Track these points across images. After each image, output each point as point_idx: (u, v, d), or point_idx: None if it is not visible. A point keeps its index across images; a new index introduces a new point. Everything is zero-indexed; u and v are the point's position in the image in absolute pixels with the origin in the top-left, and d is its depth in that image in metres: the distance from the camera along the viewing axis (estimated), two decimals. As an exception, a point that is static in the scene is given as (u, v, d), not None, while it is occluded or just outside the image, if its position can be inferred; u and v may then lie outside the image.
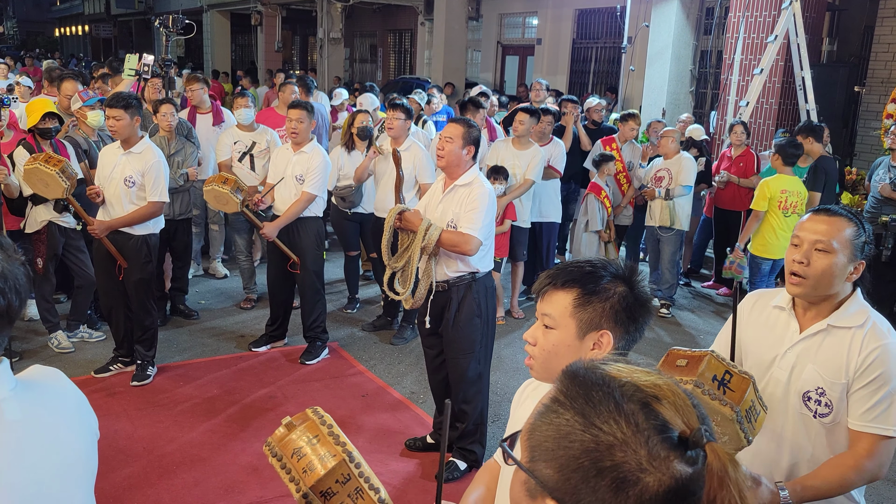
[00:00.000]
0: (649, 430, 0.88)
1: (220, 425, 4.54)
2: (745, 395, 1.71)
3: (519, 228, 6.40)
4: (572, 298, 1.63)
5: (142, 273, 4.95)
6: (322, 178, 5.29)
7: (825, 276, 2.10)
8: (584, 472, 0.88)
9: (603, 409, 0.90)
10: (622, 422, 0.89)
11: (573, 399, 0.93)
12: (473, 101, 6.96)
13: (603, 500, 0.87)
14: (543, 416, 0.96)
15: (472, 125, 3.94)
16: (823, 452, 2.16)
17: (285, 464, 1.58)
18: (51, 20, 41.11)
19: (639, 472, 0.87)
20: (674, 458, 0.88)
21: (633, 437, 0.88)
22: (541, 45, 15.59)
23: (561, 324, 1.64)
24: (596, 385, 0.92)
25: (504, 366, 5.60)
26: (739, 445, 1.73)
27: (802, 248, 2.13)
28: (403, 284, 4.00)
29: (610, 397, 0.91)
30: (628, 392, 0.91)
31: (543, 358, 1.68)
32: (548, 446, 0.92)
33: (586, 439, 0.89)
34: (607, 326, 1.62)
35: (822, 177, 6.42)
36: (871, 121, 9.80)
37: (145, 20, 28.29)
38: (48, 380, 1.48)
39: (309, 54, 24.30)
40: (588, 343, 1.64)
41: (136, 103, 4.85)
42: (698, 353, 1.76)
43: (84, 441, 1.46)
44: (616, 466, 0.87)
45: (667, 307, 6.96)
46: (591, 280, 1.64)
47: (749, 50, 9.16)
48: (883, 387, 2.05)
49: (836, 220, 2.12)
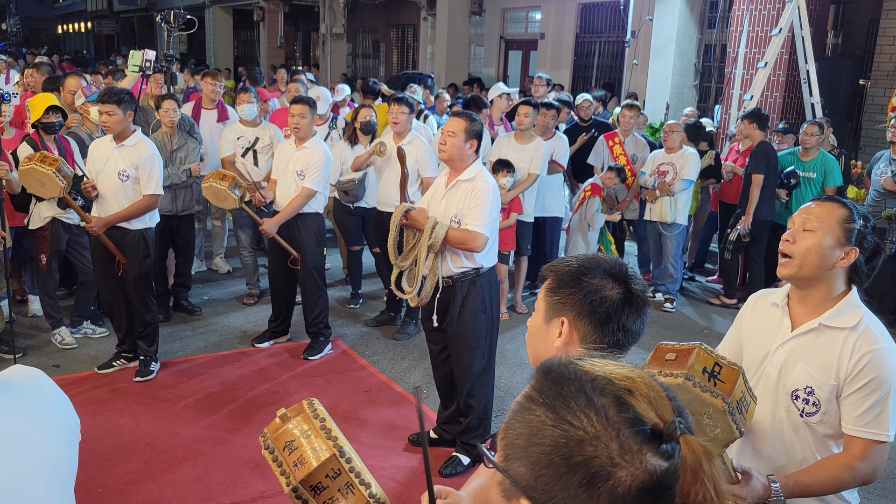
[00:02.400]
0: (621, 423, 0.86)
1: (222, 421, 4.54)
2: (735, 386, 1.70)
3: (522, 223, 6.38)
4: (548, 282, 1.66)
5: (140, 268, 4.93)
6: (322, 174, 5.28)
7: (809, 254, 2.08)
8: (555, 469, 0.86)
9: (574, 404, 0.88)
10: (593, 415, 0.86)
11: (545, 394, 0.91)
12: (476, 100, 6.94)
13: (576, 496, 0.85)
14: (517, 413, 0.94)
15: (474, 119, 3.92)
16: (809, 451, 2.16)
17: (277, 457, 1.57)
18: (53, 17, 41.12)
19: (610, 466, 0.84)
20: (647, 451, 0.86)
21: (605, 431, 0.85)
22: (544, 39, 15.54)
23: (538, 308, 1.68)
24: (568, 380, 0.91)
25: (508, 360, 5.58)
26: (732, 437, 1.72)
27: (793, 229, 2.15)
28: (411, 283, 3.99)
29: (581, 392, 0.89)
30: (600, 386, 0.90)
31: (528, 340, 1.72)
32: (520, 444, 0.90)
33: (556, 434, 0.87)
34: (569, 315, 1.59)
35: (762, 160, 6.67)
36: (876, 114, 9.76)
37: (148, 16, 28.26)
38: (22, 380, 1.46)
39: (311, 50, 24.26)
40: (553, 329, 1.62)
41: (129, 98, 4.81)
42: (687, 346, 1.75)
43: (59, 441, 1.44)
44: (587, 461, 0.85)
45: (670, 302, 6.94)
46: (571, 270, 1.63)
47: (753, 43, 9.12)
48: (875, 391, 2.03)
49: (829, 204, 2.13)
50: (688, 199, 6.87)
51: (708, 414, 1.69)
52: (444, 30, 15.85)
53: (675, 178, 6.67)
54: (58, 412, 1.47)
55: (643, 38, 11.90)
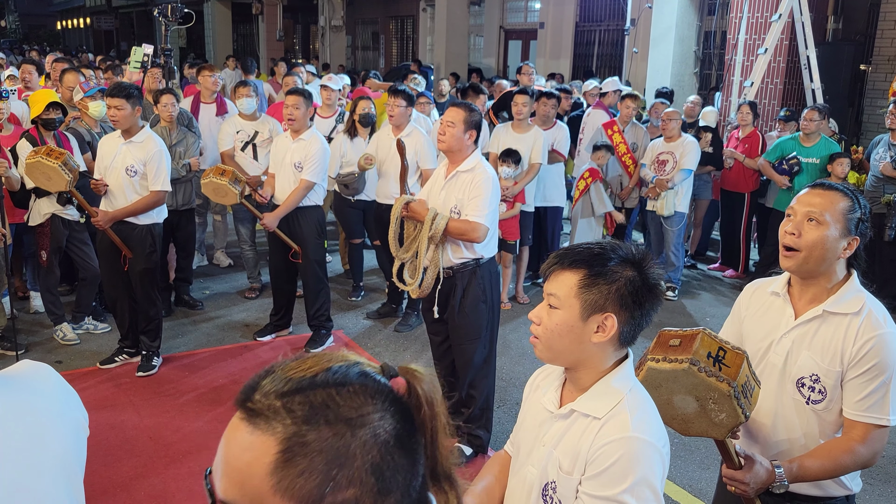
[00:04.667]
0: (367, 386, 0.89)
1: (225, 414, 4.55)
2: (740, 371, 1.70)
3: (524, 212, 6.36)
4: (578, 279, 1.63)
5: (146, 263, 4.94)
6: (320, 166, 5.27)
7: (816, 247, 2.07)
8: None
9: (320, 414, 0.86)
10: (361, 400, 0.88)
11: (295, 419, 0.86)
12: (474, 87, 6.93)
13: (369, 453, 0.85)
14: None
15: (473, 109, 3.91)
16: (814, 439, 2.15)
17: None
18: (52, 13, 41.07)
19: (378, 420, 0.87)
20: (385, 392, 0.90)
21: (360, 402, 0.87)
22: (543, 28, 15.47)
23: (566, 304, 1.64)
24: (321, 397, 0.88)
25: (510, 351, 5.58)
26: (737, 421, 1.72)
27: (795, 220, 2.11)
28: (412, 275, 3.99)
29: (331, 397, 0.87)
30: (317, 382, 0.88)
31: (546, 337, 1.68)
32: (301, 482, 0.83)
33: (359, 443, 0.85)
34: (612, 309, 1.61)
35: None
36: (877, 99, 9.71)
37: (147, 11, 28.19)
38: (32, 375, 1.47)
39: (311, 43, 24.20)
40: (591, 325, 1.62)
41: (137, 93, 4.83)
42: (690, 331, 1.74)
43: (67, 436, 1.45)
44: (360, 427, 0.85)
45: (672, 290, 6.93)
46: (598, 262, 1.63)
47: (753, 29, 9.08)
48: (878, 376, 2.03)
49: (831, 193, 2.10)
50: (689, 187, 6.85)
51: (713, 399, 1.69)
52: (444, 20, 15.79)
53: (675, 168, 6.64)
54: (67, 407, 1.48)
55: (643, 25, 11.86)
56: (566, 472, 1.66)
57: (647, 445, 1.57)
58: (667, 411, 1.75)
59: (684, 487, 3.97)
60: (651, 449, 1.58)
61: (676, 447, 4.32)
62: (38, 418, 1.40)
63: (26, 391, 1.43)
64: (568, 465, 1.65)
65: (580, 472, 1.63)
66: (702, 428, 1.76)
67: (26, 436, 1.36)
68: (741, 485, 1.98)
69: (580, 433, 1.65)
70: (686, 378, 1.67)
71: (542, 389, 1.82)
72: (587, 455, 1.61)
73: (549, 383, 1.81)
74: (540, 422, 1.77)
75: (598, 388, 1.66)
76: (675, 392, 1.71)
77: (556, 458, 1.68)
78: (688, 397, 1.71)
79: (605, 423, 1.61)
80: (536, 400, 1.83)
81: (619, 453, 1.56)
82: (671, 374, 1.68)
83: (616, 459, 1.56)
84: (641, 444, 1.57)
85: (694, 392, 1.70)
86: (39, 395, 1.44)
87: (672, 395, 1.72)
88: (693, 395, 1.70)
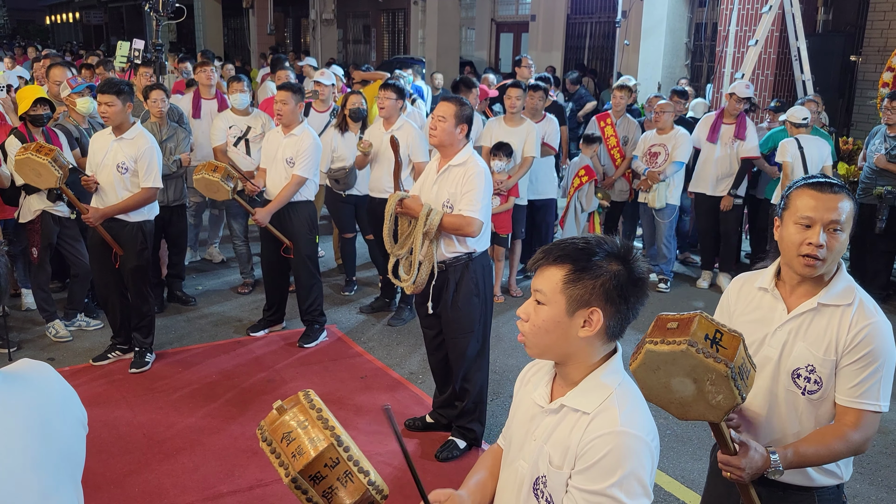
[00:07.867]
0: None
1: (219, 410, 4.55)
2: (737, 353, 1.72)
3: (517, 206, 6.37)
4: (563, 274, 1.64)
5: (138, 260, 4.92)
6: (312, 161, 5.25)
7: (838, 254, 2.11)
8: None
9: None
10: None
11: None
12: (465, 81, 6.93)
13: None
14: None
15: (464, 103, 3.91)
16: (810, 429, 2.17)
17: (275, 448, 1.58)
18: (41, 8, 40.81)
19: None
20: None
21: None
22: (535, 21, 15.45)
23: (552, 300, 1.65)
24: None
25: (503, 344, 5.60)
26: (734, 403, 1.72)
27: (816, 229, 2.06)
28: (407, 271, 3.99)
29: None
30: None
31: (534, 333, 1.69)
32: None
33: None
34: (597, 304, 1.62)
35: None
36: (867, 90, 9.75)
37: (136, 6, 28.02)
38: (33, 373, 1.49)
39: (302, 36, 24.11)
40: (578, 320, 1.64)
41: (128, 89, 4.81)
42: (688, 315, 1.76)
43: (69, 433, 1.47)
44: None
45: (664, 282, 6.96)
46: (583, 256, 1.64)
47: (744, 21, 9.09)
48: (871, 364, 2.06)
49: (842, 197, 2.08)
50: (680, 179, 6.85)
51: (711, 380, 1.70)
52: (435, 13, 15.76)
53: (667, 160, 6.65)
54: (66, 405, 1.50)
55: (634, 18, 11.86)
56: (556, 466, 1.67)
57: (636, 440, 1.59)
58: (664, 395, 1.76)
59: (676, 478, 3.99)
60: (640, 443, 1.59)
61: (669, 438, 4.35)
62: (42, 414, 1.42)
63: (30, 388, 1.44)
64: (558, 460, 1.67)
65: (570, 467, 1.64)
66: (699, 411, 1.77)
67: (31, 431, 1.38)
68: (736, 470, 1.99)
69: (570, 428, 1.66)
70: (684, 359, 1.69)
71: (533, 384, 1.83)
72: (577, 449, 1.63)
73: (540, 378, 1.82)
74: (531, 416, 1.78)
75: (587, 383, 1.68)
76: (673, 374, 1.72)
77: (547, 453, 1.70)
78: (685, 379, 1.72)
79: (595, 417, 1.63)
80: (527, 394, 1.84)
81: (608, 448, 1.58)
82: (669, 355, 1.69)
83: (605, 454, 1.58)
84: (630, 439, 1.58)
85: (692, 374, 1.71)
86: (43, 393, 1.46)
87: (670, 378, 1.73)
88: (691, 378, 1.71)
